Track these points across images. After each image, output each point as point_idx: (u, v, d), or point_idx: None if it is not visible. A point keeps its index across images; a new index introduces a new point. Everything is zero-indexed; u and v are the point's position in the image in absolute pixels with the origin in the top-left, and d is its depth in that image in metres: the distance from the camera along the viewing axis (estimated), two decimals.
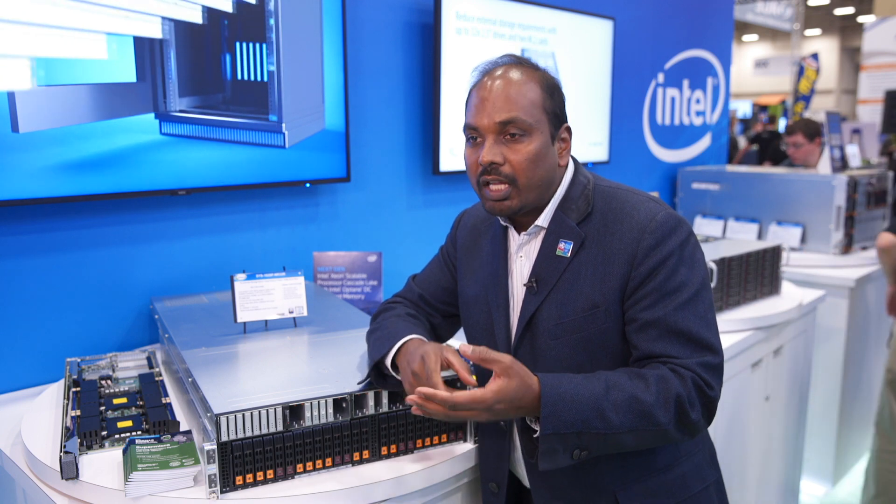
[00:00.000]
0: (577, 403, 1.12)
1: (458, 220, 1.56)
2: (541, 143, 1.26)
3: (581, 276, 1.25)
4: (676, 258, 1.21)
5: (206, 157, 2.00)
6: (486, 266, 1.41)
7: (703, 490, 1.32)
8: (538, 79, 1.27)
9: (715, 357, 1.20)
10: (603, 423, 1.12)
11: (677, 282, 1.21)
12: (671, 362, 1.18)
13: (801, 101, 11.97)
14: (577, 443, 1.13)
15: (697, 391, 1.17)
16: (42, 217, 1.81)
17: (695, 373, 1.18)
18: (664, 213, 1.24)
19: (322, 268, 2.22)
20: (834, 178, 3.44)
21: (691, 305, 1.20)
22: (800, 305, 2.49)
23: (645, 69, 3.89)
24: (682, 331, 1.19)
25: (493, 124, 1.24)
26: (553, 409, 1.11)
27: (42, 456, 1.33)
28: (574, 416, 1.11)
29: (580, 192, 1.31)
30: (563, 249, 1.27)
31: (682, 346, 1.19)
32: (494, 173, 1.25)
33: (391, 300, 1.57)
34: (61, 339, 1.86)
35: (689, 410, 1.15)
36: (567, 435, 1.12)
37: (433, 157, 2.63)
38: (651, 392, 1.14)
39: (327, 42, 2.22)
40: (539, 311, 1.28)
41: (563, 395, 1.12)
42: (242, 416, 1.20)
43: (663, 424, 1.14)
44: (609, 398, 1.13)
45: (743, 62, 21.45)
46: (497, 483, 1.39)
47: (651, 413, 1.13)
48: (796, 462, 2.85)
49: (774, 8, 12.52)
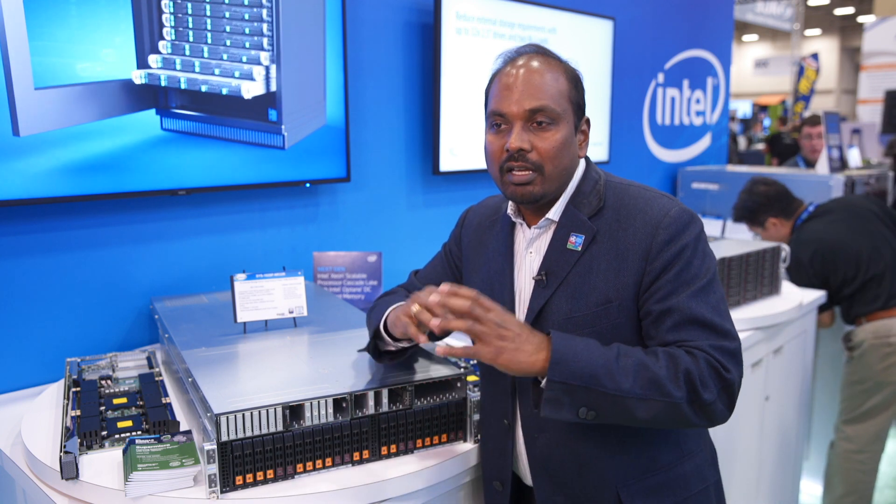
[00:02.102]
0: (588, 358, 1.12)
1: (462, 218, 1.56)
2: (567, 132, 1.27)
3: (593, 270, 1.25)
4: (690, 251, 1.22)
5: (206, 157, 2.00)
6: (490, 262, 1.40)
7: (703, 490, 1.32)
8: (564, 69, 1.29)
9: (731, 342, 1.19)
10: (612, 383, 1.11)
11: (691, 273, 1.21)
12: (685, 345, 1.18)
13: (801, 101, 11.98)
14: (586, 399, 1.12)
15: (711, 371, 1.16)
16: (42, 217, 1.81)
17: (708, 354, 1.17)
18: (677, 209, 1.25)
19: (322, 268, 2.22)
20: (831, 178, 3.45)
21: (703, 294, 1.21)
22: (800, 305, 2.49)
23: (645, 69, 3.89)
24: (695, 318, 1.19)
25: (523, 111, 1.24)
26: (562, 356, 1.11)
27: (42, 456, 1.33)
28: (583, 369, 1.11)
29: (592, 187, 1.31)
30: (575, 243, 1.27)
31: (696, 332, 1.19)
32: (521, 160, 1.25)
33: (391, 289, 1.59)
34: (61, 339, 1.86)
35: (700, 388, 1.14)
36: (575, 388, 1.11)
37: (433, 157, 2.63)
38: (661, 365, 1.14)
39: (328, 42, 2.22)
40: (548, 304, 1.27)
41: (573, 347, 1.13)
42: (242, 416, 1.20)
43: (675, 397, 1.12)
44: (620, 362, 1.13)
45: (743, 62, 21.46)
46: (501, 482, 1.38)
47: (661, 383, 1.12)
48: (796, 462, 2.85)
49: (774, 8, 12.52)
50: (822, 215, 2.96)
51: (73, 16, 1.71)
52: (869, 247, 2.80)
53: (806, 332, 2.74)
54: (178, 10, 1.88)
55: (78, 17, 1.71)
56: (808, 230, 2.92)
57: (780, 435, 2.63)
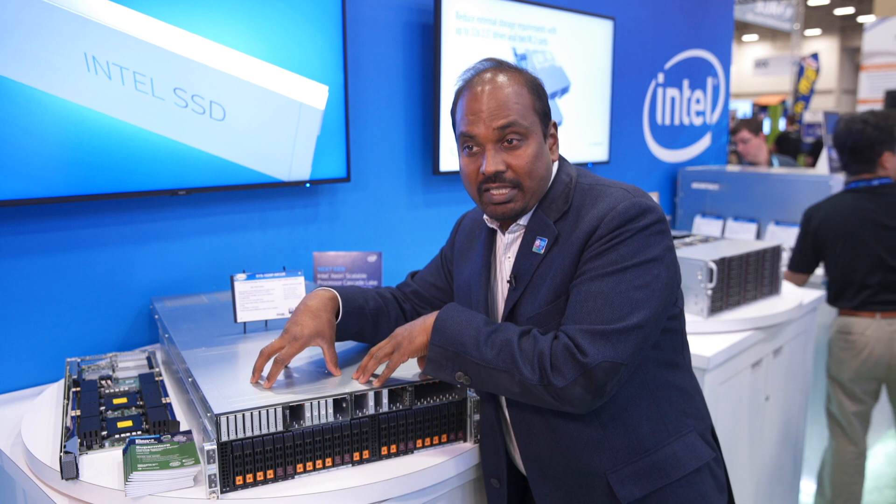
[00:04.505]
0: (463, 329, 1.25)
1: (458, 224, 1.61)
2: (538, 144, 1.30)
3: (551, 270, 1.28)
4: (621, 239, 1.22)
5: (206, 157, 2.00)
6: (472, 265, 1.46)
7: (697, 469, 1.31)
8: (524, 80, 1.30)
9: (606, 325, 1.17)
10: (478, 353, 1.22)
11: (611, 258, 1.21)
12: (561, 328, 1.21)
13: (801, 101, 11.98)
14: (460, 364, 1.24)
15: (566, 355, 1.16)
16: (42, 217, 1.81)
17: (570, 337, 1.18)
18: (626, 203, 1.24)
19: (322, 268, 2.22)
20: (831, 178, 3.45)
21: (610, 277, 1.20)
22: (800, 305, 2.49)
23: (645, 69, 3.89)
24: (586, 299, 1.20)
25: (492, 132, 1.27)
26: (442, 324, 1.26)
27: (42, 456, 1.33)
28: (456, 336, 1.24)
29: (561, 191, 1.33)
30: (539, 246, 1.31)
31: (580, 312, 1.20)
32: (499, 181, 1.28)
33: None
34: (61, 339, 1.86)
35: (549, 373, 1.17)
36: (448, 352, 1.24)
37: (433, 157, 2.63)
38: (525, 346, 1.20)
39: (328, 42, 2.22)
40: (517, 306, 1.33)
41: (454, 318, 1.27)
42: (242, 416, 1.20)
43: (528, 378, 1.18)
44: (491, 337, 1.23)
45: (743, 62, 21.45)
46: (498, 478, 1.40)
47: (517, 362, 1.19)
48: (796, 462, 2.85)
49: (774, 8, 12.52)
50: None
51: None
52: (879, 253, 2.72)
53: (806, 332, 2.74)
54: None
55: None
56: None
57: (780, 435, 2.63)
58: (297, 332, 1.35)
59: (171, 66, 1.87)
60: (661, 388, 1.31)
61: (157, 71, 1.85)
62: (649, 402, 1.29)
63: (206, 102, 1.95)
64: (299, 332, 1.35)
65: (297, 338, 1.34)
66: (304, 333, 1.35)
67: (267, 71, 2.06)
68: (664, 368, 1.32)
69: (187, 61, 1.90)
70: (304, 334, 1.35)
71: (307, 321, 1.37)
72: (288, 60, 2.12)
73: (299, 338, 1.34)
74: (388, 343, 1.32)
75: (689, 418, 1.35)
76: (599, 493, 1.27)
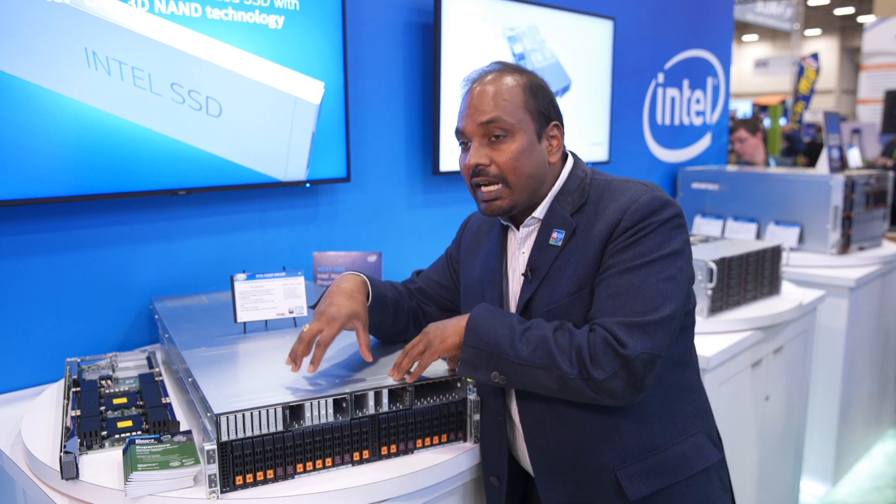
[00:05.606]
0: (496, 328, 1.24)
1: (464, 223, 1.63)
2: (525, 141, 1.30)
3: (570, 262, 1.29)
4: (647, 232, 1.23)
5: (206, 156, 2.00)
6: (483, 262, 1.46)
7: (705, 470, 1.32)
8: (520, 81, 1.33)
9: (646, 316, 1.18)
10: (513, 352, 1.22)
11: (638, 251, 1.22)
12: (595, 321, 1.21)
13: (801, 101, 11.98)
14: (496, 364, 1.23)
15: (606, 348, 1.17)
16: (42, 217, 1.81)
17: (608, 330, 1.18)
18: (648, 196, 1.26)
19: (322, 268, 2.22)
20: (831, 179, 3.44)
21: (640, 269, 1.21)
22: (800, 305, 2.49)
23: (645, 69, 3.89)
24: (619, 292, 1.21)
25: (476, 127, 1.30)
26: (476, 324, 1.26)
27: (42, 456, 1.33)
28: (490, 336, 1.24)
29: (577, 185, 1.35)
30: (556, 238, 1.32)
31: (612, 305, 1.20)
32: (483, 175, 1.31)
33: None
34: (61, 339, 1.86)
35: (589, 366, 1.17)
36: (483, 353, 1.24)
37: (433, 157, 2.63)
38: (562, 340, 1.20)
39: (328, 41, 2.22)
40: (533, 299, 1.33)
41: (488, 318, 1.26)
42: (242, 416, 1.20)
43: (565, 372, 1.18)
44: (525, 334, 1.23)
45: (743, 62, 21.45)
46: (497, 477, 1.40)
47: (555, 357, 1.18)
48: (796, 462, 2.85)
49: (774, 8, 12.52)
50: None
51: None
52: None
53: (806, 332, 2.74)
54: None
55: None
56: None
57: (780, 435, 2.63)
58: (335, 313, 1.33)
59: (169, 60, 1.87)
60: (672, 386, 1.32)
61: (156, 66, 1.85)
62: (661, 400, 1.30)
63: (202, 98, 1.95)
64: (336, 313, 1.33)
65: (334, 318, 1.32)
66: (343, 313, 1.33)
67: (262, 66, 2.06)
68: (676, 366, 1.33)
69: (185, 56, 1.90)
70: (343, 314, 1.33)
71: (344, 301, 1.35)
72: (288, 60, 2.11)
73: (337, 318, 1.32)
74: (420, 341, 1.32)
75: (697, 418, 1.35)
76: (607, 489, 1.28)
